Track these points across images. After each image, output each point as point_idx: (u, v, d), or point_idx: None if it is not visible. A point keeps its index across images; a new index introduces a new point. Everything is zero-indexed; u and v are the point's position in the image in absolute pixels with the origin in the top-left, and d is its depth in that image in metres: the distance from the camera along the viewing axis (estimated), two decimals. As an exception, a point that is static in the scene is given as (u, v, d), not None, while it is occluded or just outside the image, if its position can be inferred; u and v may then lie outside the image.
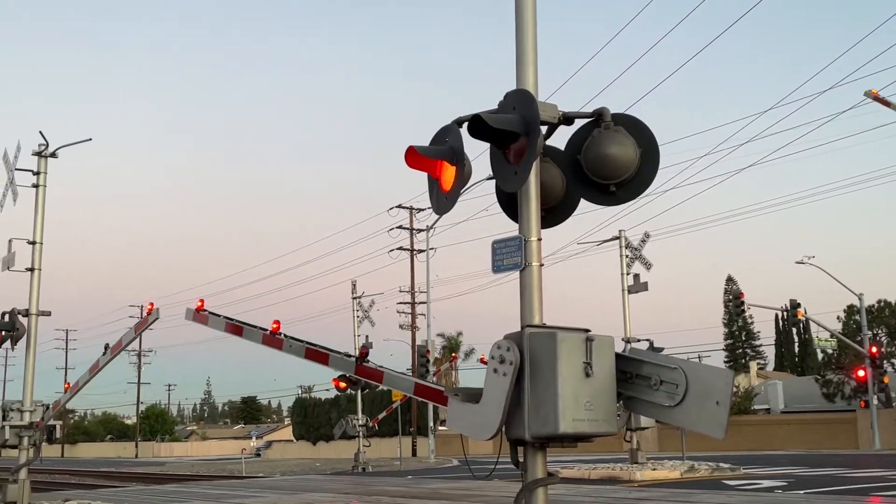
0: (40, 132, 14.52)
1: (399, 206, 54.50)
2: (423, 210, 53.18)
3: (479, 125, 4.62)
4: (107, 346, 14.08)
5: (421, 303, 54.61)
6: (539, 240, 4.71)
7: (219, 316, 8.30)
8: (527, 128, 4.58)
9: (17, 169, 14.36)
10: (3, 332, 13.76)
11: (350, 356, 6.36)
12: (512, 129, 4.60)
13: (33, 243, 14.14)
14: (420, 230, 52.77)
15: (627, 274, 24.90)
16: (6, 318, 13.85)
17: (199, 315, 8.38)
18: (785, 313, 71.87)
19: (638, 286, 24.72)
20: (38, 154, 14.55)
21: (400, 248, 55.41)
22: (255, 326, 7.76)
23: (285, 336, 7.28)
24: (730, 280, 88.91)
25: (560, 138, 5.07)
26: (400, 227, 55.00)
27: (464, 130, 4.90)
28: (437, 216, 34.89)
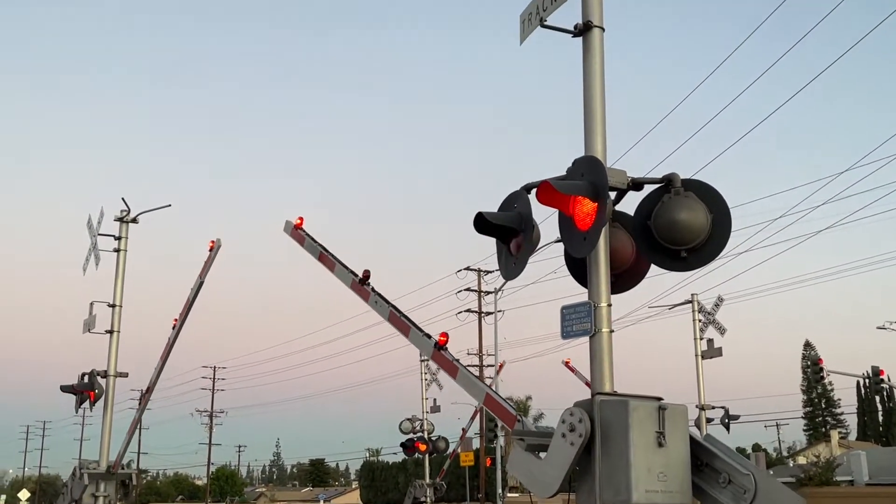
0: (122, 199, 15.09)
1: (467, 269, 54.60)
2: (491, 272, 53.18)
3: (547, 190, 4.65)
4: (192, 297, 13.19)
5: (489, 366, 54.24)
6: (609, 305, 4.67)
7: (315, 241, 7.70)
8: (596, 194, 4.59)
9: (99, 234, 14.92)
10: (83, 393, 14.12)
11: (430, 337, 6.17)
12: (581, 194, 4.62)
13: (113, 306, 14.57)
14: (488, 292, 52.68)
15: (700, 339, 24.38)
16: (86, 379, 14.23)
17: (297, 233, 7.85)
18: (867, 380, 69.10)
19: (711, 351, 24.16)
20: (120, 220, 15.09)
21: (468, 311, 55.32)
22: (348, 268, 7.17)
23: (373, 290, 6.80)
24: (807, 345, 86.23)
25: (629, 203, 5.07)
26: (468, 289, 55.01)
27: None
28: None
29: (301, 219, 7.94)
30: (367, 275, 6.94)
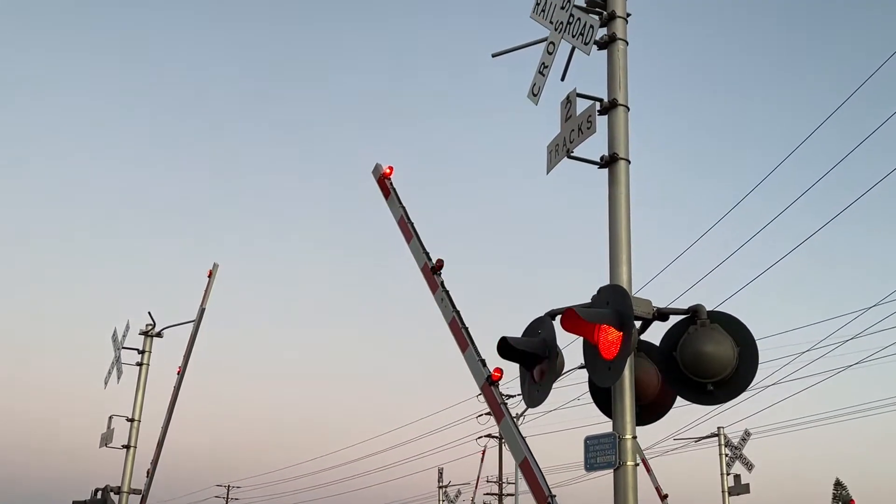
0: (149, 313, 15.24)
1: (489, 393, 53.79)
2: (513, 396, 52.42)
3: (572, 319, 4.64)
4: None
5: (509, 495, 52.72)
6: (634, 438, 4.58)
7: (399, 201, 6.93)
8: (621, 323, 4.57)
9: (124, 347, 14.99)
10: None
11: (485, 365, 5.76)
12: (606, 323, 4.60)
13: (132, 420, 14.48)
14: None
15: (727, 474, 23.68)
16: (99, 495, 14.00)
17: (384, 183, 7.07)
18: (903, 523, 66.22)
19: (739, 488, 23.40)
20: (145, 334, 15.19)
21: (488, 436, 54.24)
22: (424, 248, 6.51)
23: (442, 284, 6.21)
24: (838, 485, 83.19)
25: (655, 333, 5.04)
26: (489, 413, 54.09)
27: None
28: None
29: (391, 168, 7.24)
30: (440, 264, 6.46)
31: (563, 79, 5.72)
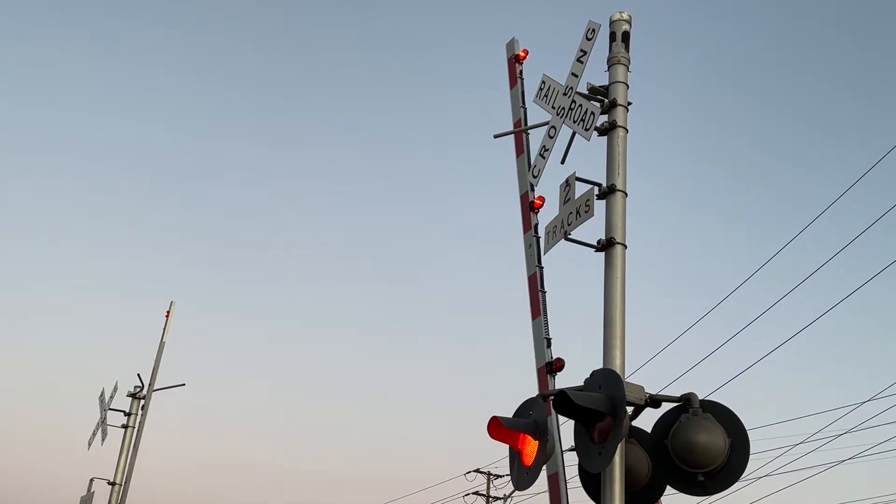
0: (138, 374, 15.10)
1: (476, 471, 53.05)
2: (501, 476, 51.62)
3: (564, 401, 4.62)
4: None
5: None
6: (622, 526, 4.51)
7: (522, 92, 6.08)
8: (613, 408, 4.55)
9: (110, 409, 14.82)
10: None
11: (549, 344, 5.23)
12: (597, 408, 4.58)
13: (113, 484, 14.23)
14: (497, 498, 50.87)
15: (717, 566, 23.15)
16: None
17: (513, 65, 6.14)
18: None
19: (729, 581, 22.87)
20: (133, 395, 15.03)
21: (476, 493, 53.15)
22: (531, 169, 5.72)
23: (536, 227, 5.56)
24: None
25: (647, 420, 5.01)
26: (476, 492, 53.16)
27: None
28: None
29: (526, 51, 6.47)
30: (541, 201, 5.91)
31: (563, 162, 5.82)
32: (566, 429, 5.03)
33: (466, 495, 53.09)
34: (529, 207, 5.96)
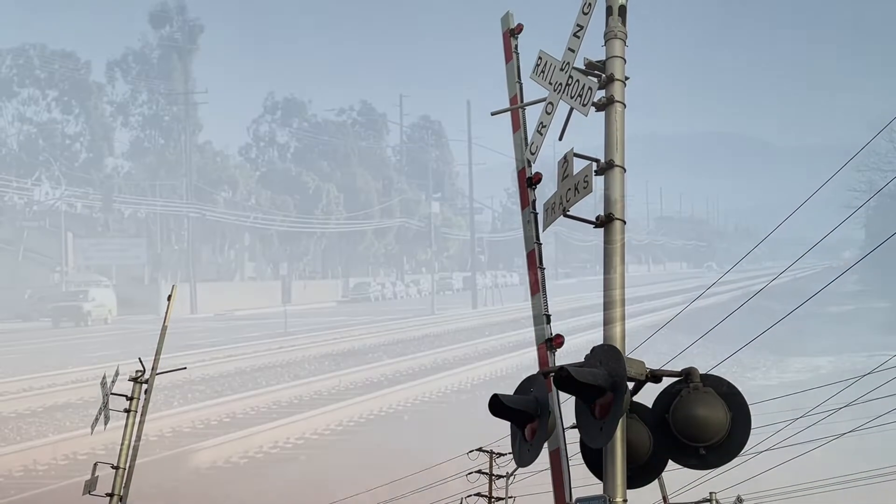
0: (139, 359, 15.09)
1: (479, 449, 53.26)
2: (503, 455, 51.80)
3: (565, 378, 4.61)
4: None
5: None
6: (625, 501, 4.54)
7: (518, 66, 5.83)
8: (614, 384, 4.55)
9: (112, 393, 14.83)
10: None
11: (549, 321, 5.11)
12: (598, 383, 4.58)
13: (117, 468, 14.27)
14: (500, 476, 51.12)
15: (720, 541, 23.31)
16: (80, 543, 13.75)
17: (509, 39, 5.87)
18: None
19: (731, 554, 23.04)
20: (134, 380, 15.03)
21: (478, 494, 53.31)
22: (527, 152, 5.58)
23: (533, 203, 5.51)
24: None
25: (648, 395, 5.01)
26: (479, 471, 53.38)
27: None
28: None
29: (521, 25, 6.05)
30: (538, 177, 5.60)
31: (560, 138, 5.77)
32: (568, 406, 5.02)
33: (469, 474, 53.42)
34: (528, 183, 5.81)
